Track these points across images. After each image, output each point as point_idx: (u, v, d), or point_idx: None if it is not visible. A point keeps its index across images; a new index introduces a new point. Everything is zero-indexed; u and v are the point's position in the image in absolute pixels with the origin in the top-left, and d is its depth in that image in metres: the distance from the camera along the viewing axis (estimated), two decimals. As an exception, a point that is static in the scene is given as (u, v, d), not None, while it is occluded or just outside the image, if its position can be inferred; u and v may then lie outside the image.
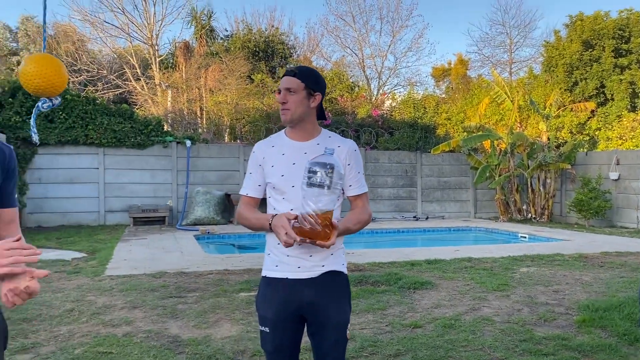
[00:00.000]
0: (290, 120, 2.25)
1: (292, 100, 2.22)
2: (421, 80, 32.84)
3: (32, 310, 4.78)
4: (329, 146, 2.32)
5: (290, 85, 2.23)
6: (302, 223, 1.96)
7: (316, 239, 1.98)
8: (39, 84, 1.62)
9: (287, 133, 2.33)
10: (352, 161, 2.34)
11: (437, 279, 6.41)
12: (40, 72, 1.66)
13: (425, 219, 14.75)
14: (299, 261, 2.21)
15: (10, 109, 11.82)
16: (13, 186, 1.85)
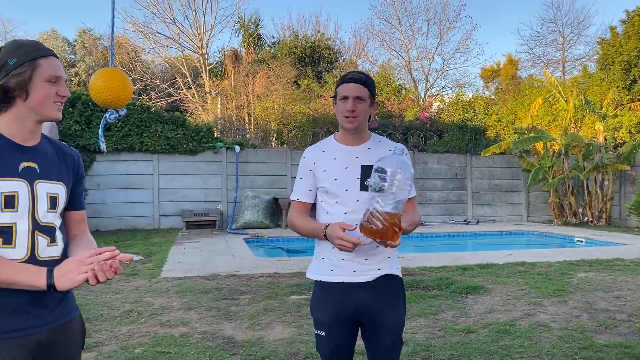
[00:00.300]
0: (357, 127, 2.27)
1: (360, 109, 2.23)
2: (470, 82, 32.28)
3: (94, 310, 4.99)
4: (381, 150, 2.34)
5: (361, 93, 2.23)
6: (374, 223, 1.96)
7: (385, 238, 1.98)
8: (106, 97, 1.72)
9: (338, 138, 2.35)
10: None
11: (490, 283, 6.29)
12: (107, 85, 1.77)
13: (475, 222, 14.47)
14: (354, 265, 2.22)
15: (70, 118, 12.37)
16: (82, 189, 1.97)
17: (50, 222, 1.74)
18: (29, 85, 1.68)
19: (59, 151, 1.85)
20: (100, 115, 12.59)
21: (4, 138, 1.70)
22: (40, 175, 1.73)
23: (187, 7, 20.95)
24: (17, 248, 1.64)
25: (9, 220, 1.64)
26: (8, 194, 1.64)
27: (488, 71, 29.97)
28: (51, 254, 1.72)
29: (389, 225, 1.95)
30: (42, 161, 1.76)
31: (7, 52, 1.70)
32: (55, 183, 1.78)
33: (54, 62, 1.74)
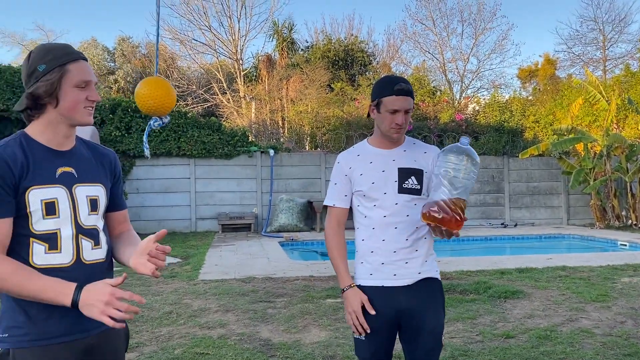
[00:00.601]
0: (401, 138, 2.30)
1: (406, 120, 2.23)
2: (506, 83, 31.71)
3: (135, 311, 5.11)
4: (415, 152, 2.33)
5: (410, 106, 2.23)
6: (444, 209, 1.96)
7: (447, 225, 1.97)
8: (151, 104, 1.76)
9: (372, 142, 2.35)
10: None
11: (530, 288, 6.16)
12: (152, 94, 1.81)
13: (513, 226, 14.19)
14: (394, 269, 2.23)
15: (110, 124, 12.72)
16: (121, 189, 1.98)
17: (93, 225, 1.75)
18: (58, 91, 1.67)
19: (94, 152, 1.86)
20: (139, 122, 12.91)
21: (39, 145, 1.71)
22: (78, 179, 1.74)
23: (222, 13, 21.29)
24: (63, 253, 1.66)
25: (53, 226, 1.66)
26: (48, 201, 1.65)
27: (525, 71, 29.39)
28: (96, 257, 1.75)
29: (452, 212, 1.95)
30: (79, 165, 1.77)
31: (37, 58, 1.69)
32: (94, 185, 1.78)
33: (83, 66, 1.72)
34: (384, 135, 2.28)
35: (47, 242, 1.64)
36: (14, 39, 26.67)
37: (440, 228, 2.01)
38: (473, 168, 1.99)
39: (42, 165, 1.67)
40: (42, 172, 1.67)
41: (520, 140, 15.65)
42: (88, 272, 1.71)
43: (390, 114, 2.22)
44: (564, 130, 14.20)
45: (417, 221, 2.24)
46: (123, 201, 1.99)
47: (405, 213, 2.23)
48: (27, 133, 1.72)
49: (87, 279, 1.70)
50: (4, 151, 1.63)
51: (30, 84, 1.68)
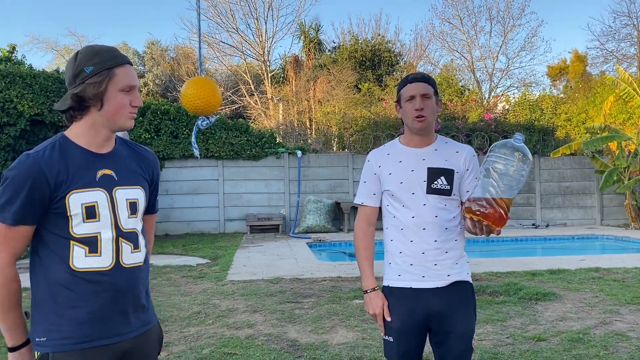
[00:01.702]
0: (426, 127, 2.23)
1: (427, 106, 2.20)
2: (537, 81, 31.15)
3: (164, 312, 5.18)
4: (447, 151, 2.30)
5: (427, 91, 2.21)
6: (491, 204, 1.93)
7: (490, 220, 1.94)
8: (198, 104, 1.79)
9: (403, 141, 2.32)
10: (471, 166, 2.31)
11: (562, 290, 6.03)
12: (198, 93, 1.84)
13: (545, 226, 13.91)
14: (423, 270, 2.20)
15: (140, 127, 12.94)
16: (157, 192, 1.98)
17: (132, 228, 1.75)
18: (104, 95, 1.67)
19: (135, 154, 1.85)
20: (168, 124, 13.10)
21: (79, 148, 1.70)
22: (118, 182, 1.73)
23: (250, 15, 21.45)
24: (103, 256, 1.67)
25: (93, 230, 1.66)
26: (88, 204, 1.66)
27: (555, 69, 28.80)
28: (135, 261, 1.75)
29: (496, 207, 1.91)
30: (119, 167, 1.76)
31: (84, 59, 1.68)
32: (134, 188, 1.78)
33: (129, 71, 1.72)
34: (412, 131, 2.26)
35: (87, 246, 1.65)
36: (48, 45, 27.46)
37: (481, 224, 1.96)
38: (524, 166, 1.93)
39: (82, 168, 1.68)
40: (82, 176, 1.67)
41: (552, 139, 15.34)
42: (127, 276, 1.72)
43: (409, 103, 2.21)
44: (597, 128, 13.86)
45: (447, 222, 2.21)
46: (156, 205, 1.99)
47: (434, 214, 2.20)
48: (67, 136, 1.72)
49: (127, 282, 1.73)
50: (41, 158, 1.63)
51: (75, 85, 1.67)
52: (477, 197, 1.97)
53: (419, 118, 2.20)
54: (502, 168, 1.94)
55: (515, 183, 1.95)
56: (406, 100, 2.22)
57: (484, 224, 1.97)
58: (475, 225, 2.00)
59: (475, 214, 1.95)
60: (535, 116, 16.73)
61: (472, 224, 2.01)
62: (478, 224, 1.98)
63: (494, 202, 1.93)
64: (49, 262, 1.67)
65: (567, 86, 27.01)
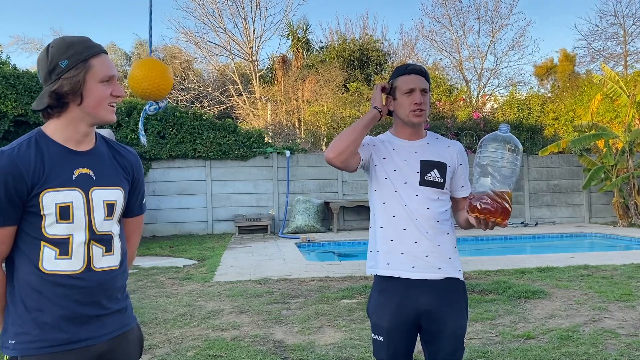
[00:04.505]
0: (423, 122, 2.20)
1: (425, 101, 2.17)
2: (525, 80, 31.27)
3: (148, 314, 5.08)
4: (439, 146, 2.26)
5: (425, 85, 2.18)
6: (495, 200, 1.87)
7: (494, 216, 1.88)
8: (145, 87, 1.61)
9: (395, 132, 2.28)
10: (463, 162, 2.29)
11: (551, 287, 6.00)
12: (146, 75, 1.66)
13: (534, 224, 13.95)
14: (414, 260, 2.13)
15: (126, 127, 12.80)
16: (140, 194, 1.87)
17: (107, 231, 1.68)
18: (83, 88, 1.59)
19: (115, 153, 1.78)
20: (155, 124, 12.95)
21: (56, 144, 1.62)
22: (96, 182, 1.66)
23: (237, 15, 21.32)
24: (74, 259, 1.60)
25: (65, 232, 1.59)
26: (63, 204, 1.58)
27: (543, 68, 28.96)
28: (107, 264, 1.67)
29: (500, 201, 1.86)
30: (98, 166, 1.69)
31: (57, 53, 1.59)
32: (112, 189, 1.70)
33: (106, 60, 1.65)
34: (405, 124, 2.21)
35: (58, 247, 1.59)
36: (33, 45, 27.12)
37: (486, 220, 1.91)
38: (517, 156, 1.90)
39: (58, 166, 1.60)
40: (58, 174, 1.59)
41: (540, 138, 15.41)
42: (99, 279, 1.65)
43: (407, 96, 2.15)
44: (585, 126, 13.91)
45: (439, 215, 2.17)
46: (139, 207, 1.89)
47: (426, 206, 2.15)
48: (44, 131, 1.63)
49: (98, 286, 1.65)
50: (16, 155, 1.55)
51: (51, 81, 1.59)
52: (479, 195, 1.92)
53: (417, 112, 2.15)
54: (496, 161, 1.90)
55: (510, 174, 1.92)
56: (404, 93, 2.16)
57: (491, 220, 1.92)
58: (480, 222, 1.95)
59: (482, 212, 1.91)
60: (523, 115, 16.79)
61: (477, 221, 1.96)
62: (484, 221, 1.93)
63: (496, 197, 1.90)
64: (19, 263, 1.60)
65: (555, 85, 27.16)
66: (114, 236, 1.71)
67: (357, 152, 2.15)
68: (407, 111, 2.16)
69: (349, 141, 2.09)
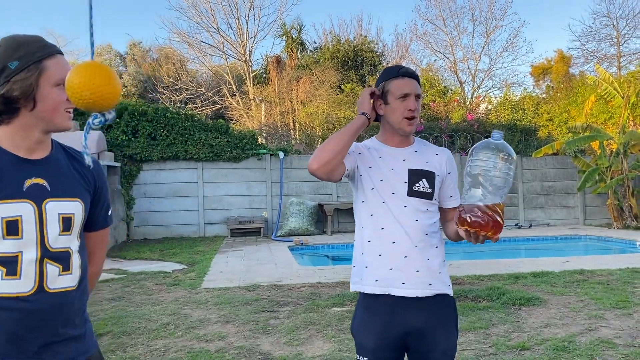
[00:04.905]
0: (414, 130, 2.08)
1: (419, 108, 2.05)
2: (519, 81, 31.21)
3: (132, 323, 4.93)
4: (426, 154, 2.15)
5: (419, 90, 2.06)
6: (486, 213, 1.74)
7: (485, 230, 1.76)
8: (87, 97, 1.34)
9: (382, 139, 2.14)
10: (452, 170, 2.17)
11: (545, 294, 5.88)
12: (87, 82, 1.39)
13: (528, 226, 13.86)
14: (404, 276, 2.00)
15: (117, 129, 12.62)
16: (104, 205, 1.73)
17: (63, 247, 1.52)
18: (36, 92, 1.45)
19: (74, 161, 1.62)
20: (145, 125, 12.78)
21: (5, 152, 1.46)
22: (50, 193, 1.50)
23: (231, 15, 21.16)
24: (23, 279, 1.44)
25: (13, 249, 1.43)
26: (10, 219, 1.42)
27: (538, 69, 28.92)
28: (64, 284, 1.51)
29: (491, 214, 1.73)
30: (53, 175, 1.53)
31: (7, 53, 1.45)
32: (70, 200, 1.54)
33: (62, 62, 1.50)
34: (394, 131, 2.08)
35: (4, 267, 1.42)
36: (25, 45, 26.78)
37: (478, 234, 1.79)
38: (510, 165, 1.77)
39: (6, 176, 1.44)
40: (6, 185, 1.44)
41: (534, 139, 15.32)
42: (53, 302, 1.49)
43: (400, 101, 2.02)
44: (579, 128, 13.84)
45: (427, 227, 2.05)
46: (104, 220, 1.73)
47: (415, 218, 2.03)
48: None
49: (52, 309, 1.49)
50: None
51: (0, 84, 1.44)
52: (469, 206, 1.79)
53: (411, 120, 2.04)
54: (488, 171, 1.77)
55: (503, 184, 1.79)
56: (397, 97, 2.03)
57: (481, 234, 1.80)
58: (470, 235, 1.82)
59: (472, 225, 1.78)
60: (517, 116, 16.70)
61: (467, 235, 1.83)
62: (474, 234, 1.80)
63: (487, 209, 1.76)
64: None
65: (550, 86, 27.12)
66: (72, 253, 1.55)
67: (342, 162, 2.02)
68: (400, 117, 2.04)
69: (335, 151, 1.95)
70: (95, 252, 1.76)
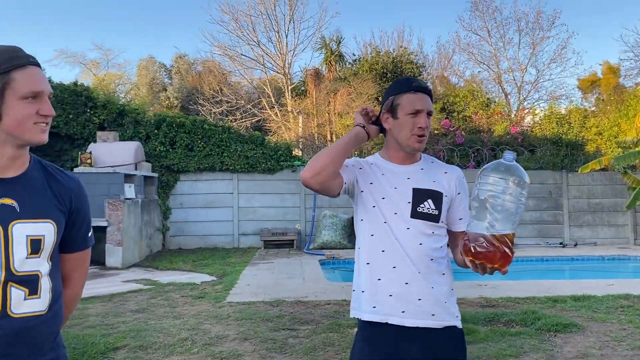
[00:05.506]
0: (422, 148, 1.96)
1: (429, 126, 1.94)
2: (567, 93, 30.15)
3: (150, 337, 4.86)
4: (434, 172, 2.01)
5: (432, 107, 1.95)
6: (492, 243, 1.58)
7: (491, 262, 1.60)
8: None
9: (385, 155, 2.01)
10: (462, 190, 2.01)
11: (585, 320, 5.50)
12: None
13: (573, 245, 13.22)
14: (404, 304, 1.85)
15: (155, 140, 12.82)
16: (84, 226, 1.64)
17: (31, 270, 1.45)
18: (1, 105, 1.40)
19: (52, 180, 1.55)
20: (183, 136, 12.92)
21: None
22: (19, 214, 1.44)
23: (271, 28, 21.33)
24: None
25: None
26: None
27: (586, 82, 27.88)
28: (30, 309, 1.44)
29: (498, 246, 1.57)
30: (26, 195, 1.47)
31: None
32: (40, 222, 1.47)
33: (32, 74, 1.44)
34: (401, 148, 1.95)
35: None
36: (76, 59, 27.89)
37: (484, 266, 1.63)
38: (522, 191, 1.59)
39: None
40: None
41: (581, 154, 14.67)
42: (17, 327, 1.41)
43: (411, 117, 1.90)
44: (629, 142, 13.17)
45: (433, 252, 1.89)
46: (82, 241, 1.65)
47: (418, 241, 1.88)
48: None
49: (16, 336, 1.40)
50: None
51: None
52: (474, 235, 1.62)
53: (421, 137, 1.91)
54: (497, 197, 1.60)
55: (514, 211, 1.61)
56: (408, 113, 1.91)
57: (488, 266, 1.62)
58: (477, 267, 1.65)
59: (477, 257, 1.61)
60: (562, 130, 16.06)
61: (473, 265, 1.66)
62: (481, 265, 1.63)
63: (494, 240, 1.59)
64: None
65: (599, 99, 26.09)
66: (41, 276, 1.47)
67: (339, 175, 1.90)
68: (409, 134, 1.91)
69: (327, 161, 1.84)
70: (74, 275, 1.68)
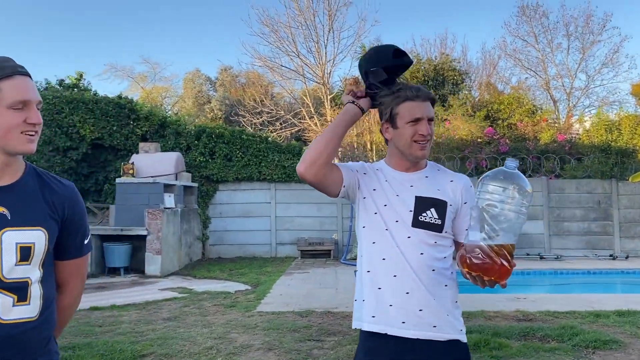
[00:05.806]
0: (427, 155, 1.92)
1: (431, 132, 1.89)
2: (620, 99, 29.00)
3: (176, 345, 4.90)
4: (439, 180, 1.94)
5: (433, 114, 1.91)
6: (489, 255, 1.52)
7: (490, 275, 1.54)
8: None
9: (390, 162, 1.97)
10: (469, 199, 1.92)
11: (628, 337, 5.19)
12: None
13: (624, 258, 12.60)
14: (404, 315, 1.79)
15: (195, 150, 13.06)
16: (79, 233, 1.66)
17: (20, 277, 1.47)
18: None
19: (45, 188, 1.57)
20: (222, 147, 13.11)
21: None
22: (10, 222, 1.46)
23: (310, 39, 21.45)
24: None
25: None
26: None
27: (639, 87, 26.70)
28: (19, 316, 1.46)
29: (495, 258, 1.51)
30: (17, 203, 1.49)
31: None
32: (31, 229, 1.49)
33: (19, 84, 1.46)
34: (404, 156, 1.90)
35: None
36: (124, 73, 28.86)
37: (482, 278, 1.57)
38: (523, 200, 1.53)
39: None
40: None
41: (632, 162, 14.02)
42: (6, 333, 1.43)
43: (411, 125, 1.85)
44: (684, 149, 12.49)
45: (435, 262, 1.83)
46: (78, 249, 1.67)
47: (419, 251, 1.82)
48: None
49: (5, 341, 1.42)
50: None
51: None
52: (471, 246, 1.55)
53: (422, 144, 1.86)
54: (494, 206, 1.53)
55: (514, 221, 1.53)
56: (407, 122, 1.86)
57: (485, 279, 1.55)
58: (475, 279, 1.59)
59: (472, 268, 1.54)
60: (612, 137, 15.40)
61: (470, 278, 1.60)
62: (478, 278, 1.57)
63: (491, 252, 1.52)
64: None
65: (654, 104, 24.91)
66: (30, 283, 1.49)
67: (338, 170, 1.86)
68: (409, 141, 1.86)
69: (321, 147, 1.79)
70: (70, 282, 1.70)
